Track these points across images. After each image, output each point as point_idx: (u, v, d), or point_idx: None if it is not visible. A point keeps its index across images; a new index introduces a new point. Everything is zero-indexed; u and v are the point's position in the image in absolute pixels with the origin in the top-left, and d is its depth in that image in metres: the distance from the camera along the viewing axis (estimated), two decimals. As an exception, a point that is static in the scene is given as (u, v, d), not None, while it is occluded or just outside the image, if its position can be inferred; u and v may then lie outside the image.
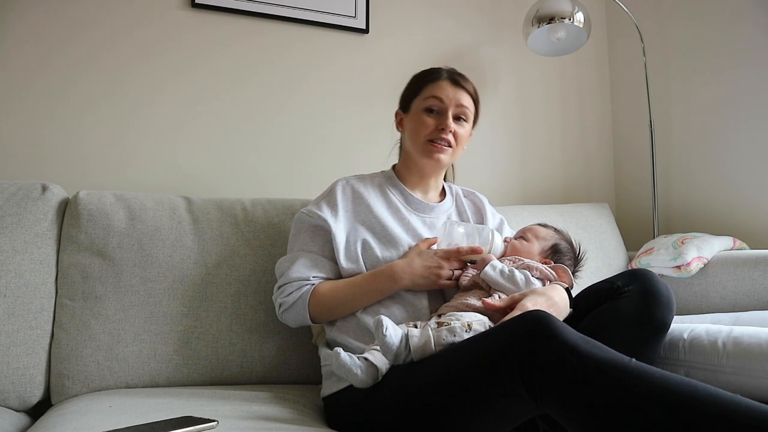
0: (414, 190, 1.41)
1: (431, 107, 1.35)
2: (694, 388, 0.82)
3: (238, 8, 1.91)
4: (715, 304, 1.79)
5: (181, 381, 1.37)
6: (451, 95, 1.35)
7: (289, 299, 1.26)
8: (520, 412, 0.95)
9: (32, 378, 1.29)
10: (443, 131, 1.33)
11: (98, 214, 1.41)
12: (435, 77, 1.38)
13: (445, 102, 1.34)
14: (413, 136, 1.37)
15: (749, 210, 2.02)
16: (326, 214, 1.30)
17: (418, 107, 1.37)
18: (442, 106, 1.35)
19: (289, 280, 1.27)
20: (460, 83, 1.37)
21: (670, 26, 2.27)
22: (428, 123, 1.35)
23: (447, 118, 1.34)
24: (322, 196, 1.38)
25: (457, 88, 1.36)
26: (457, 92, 1.36)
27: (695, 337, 1.26)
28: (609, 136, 2.52)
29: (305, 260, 1.28)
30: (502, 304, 1.11)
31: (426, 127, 1.35)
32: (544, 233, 1.33)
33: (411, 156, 1.40)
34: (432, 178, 1.42)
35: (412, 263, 1.23)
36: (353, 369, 1.05)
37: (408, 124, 1.40)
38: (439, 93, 1.35)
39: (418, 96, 1.38)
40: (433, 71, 1.40)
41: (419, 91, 1.38)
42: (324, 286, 1.26)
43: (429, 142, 1.35)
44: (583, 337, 0.90)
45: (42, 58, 1.71)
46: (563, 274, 1.22)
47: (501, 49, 2.33)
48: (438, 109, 1.35)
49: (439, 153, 1.35)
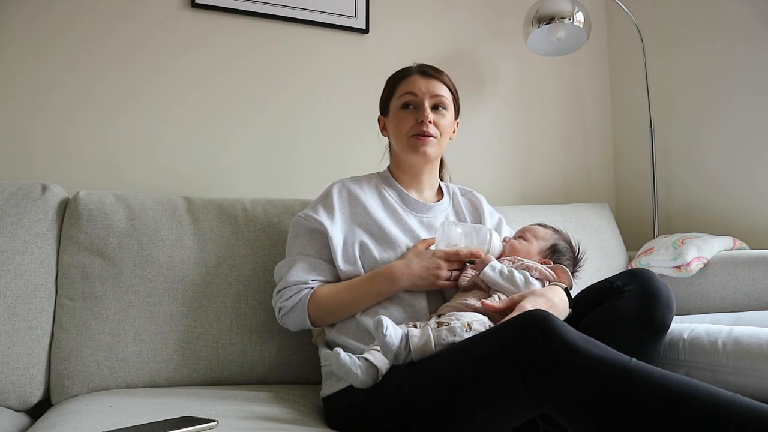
0: (409, 190, 1.41)
1: (407, 103, 1.36)
2: (694, 387, 0.82)
3: (239, 8, 1.91)
4: (715, 304, 1.79)
5: (181, 381, 1.37)
6: (424, 87, 1.35)
7: (289, 303, 1.27)
8: (520, 412, 0.95)
9: (32, 378, 1.29)
10: (423, 123, 1.34)
11: (98, 214, 1.41)
12: (406, 74, 1.39)
13: (419, 95, 1.35)
14: (396, 136, 1.38)
15: (749, 210, 2.02)
16: (323, 217, 1.30)
17: (395, 107, 1.38)
18: (416, 100, 1.35)
19: (288, 284, 1.27)
20: (432, 74, 1.38)
21: (670, 26, 2.27)
22: (407, 119, 1.35)
23: (424, 109, 1.34)
24: (318, 199, 1.38)
25: (430, 79, 1.37)
26: (429, 83, 1.36)
27: (695, 337, 1.26)
28: (609, 136, 2.52)
29: (303, 264, 1.28)
30: (502, 306, 1.11)
31: (406, 123, 1.35)
32: (543, 233, 1.33)
33: (399, 156, 1.41)
34: (424, 174, 1.42)
35: (411, 264, 1.23)
36: (353, 369, 1.05)
37: (390, 126, 1.41)
38: (411, 88, 1.36)
39: (393, 96, 1.39)
40: (403, 69, 1.42)
41: (393, 91, 1.39)
42: (323, 290, 1.26)
43: (412, 137, 1.35)
44: (583, 337, 0.91)
45: (41, 59, 1.71)
46: (562, 275, 1.22)
47: (501, 49, 2.32)
48: (414, 103, 1.36)
49: (424, 146, 1.35)
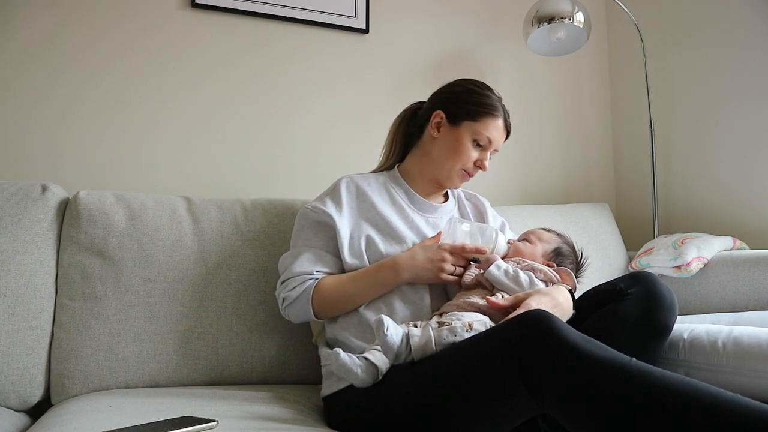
0: (418, 191, 1.42)
1: (480, 142, 1.36)
2: (695, 388, 0.82)
3: (238, 8, 1.91)
4: (715, 304, 1.79)
5: (181, 381, 1.37)
6: (500, 140, 1.38)
7: (293, 294, 1.26)
8: (520, 412, 0.95)
9: (32, 378, 1.29)
10: (479, 168, 1.38)
11: (98, 214, 1.41)
12: (496, 114, 1.36)
13: (494, 144, 1.37)
14: (449, 156, 1.36)
15: (749, 210, 2.02)
16: (331, 209, 1.30)
17: (468, 133, 1.35)
18: (488, 146, 1.37)
19: (293, 274, 1.27)
20: (509, 130, 1.41)
21: (670, 26, 2.27)
22: (472, 156, 1.36)
23: (487, 158, 1.38)
24: (326, 192, 1.38)
25: (505, 133, 1.40)
26: (503, 136, 1.40)
27: (695, 337, 1.26)
28: (609, 136, 2.52)
29: (309, 255, 1.28)
30: (507, 303, 1.11)
31: (469, 159, 1.36)
32: (547, 236, 1.34)
33: (433, 168, 1.39)
34: (436, 181, 1.43)
35: (415, 256, 1.24)
36: (353, 368, 1.05)
37: (448, 139, 1.36)
38: (492, 134, 1.36)
39: (473, 121, 1.35)
40: (494, 104, 1.37)
41: (476, 118, 1.35)
42: (327, 281, 1.26)
43: (462, 170, 1.37)
44: (583, 337, 0.91)
45: (41, 59, 1.71)
46: (567, 277, 1.23)
47: (501, 49, 2.32)
48: (484, 146, 1.37)
49: (465, 181, 1.40)
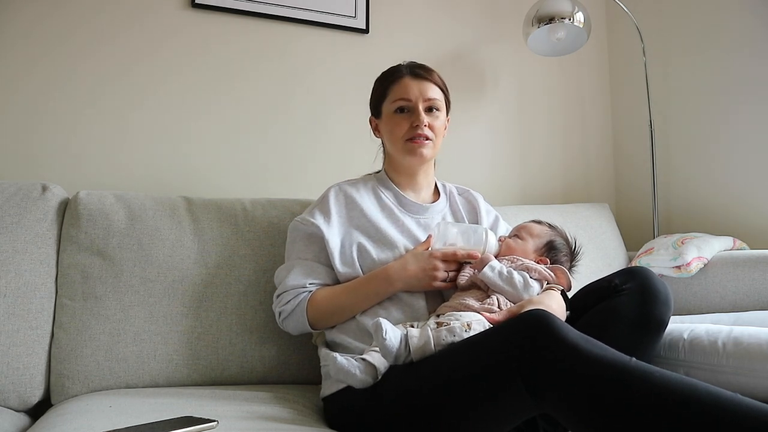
0: (406, 191, 1.41)
1: (401, 107, 1.35)
2: (694, 387, 0.82)
3: (238, 8, 1.91)
4: (715, 304, 1.79)
5: (181, 381, 1.37)
6: (417, 91, 1.35)
7: (288, 307, 1.28)
8: (520, 411, 0.95)
9: (32, 378, 1.29)
10: (418, 128, 1.34)
11: (98, 214, 1.41)
12: (397, 76, 1.38)
13: (413, 99, 1.35)
14: (391, 139, 1.38)
15: (749, 210, 2.02)
16: (319, 221, 1.31)
17: (388, 110, 1.37)
18: (410, 104, 1.35)
19: (286, 288, 1.28)
20: (423, 76, 1.37)
21: (670, 26, 2.27)
22: (402, 123, 1.35)
23: (419, 114, 1.34)
24: (315, 204, 1.38)
25: (421, 81, 1.36)
26: (422, 86, 1.36)
27: (695, 337, 1.26)
28: (609, 136, 2.52)
29: (301, 268, 1.29)
30: (501, 318, 1.11)
31: (401, 128, 1.35)
32: (538, 230, 1.31)
33: (395, 158, 1.41)
34: (420, 174, 1.42)
35: (407, 265, 1.23)
36: (351, 370, 1.05)
37: (383, 128, 1.40)
38: (404, 93, 1.35)
39: (385, 99, 1.38)
40: (393, 71, 1.40)
41: (385, 94, 1.38)
42: (321, 293, 1.27)
43: (408, 141, 1.35)
44: (583, 336, 0.91)
45: (41, 58, 1.71)
46: (561, 276, 1.21)
47: (501, 49, 2.32)
48: (408, 107, 1.35)
49: (420, 148, 1.35)
